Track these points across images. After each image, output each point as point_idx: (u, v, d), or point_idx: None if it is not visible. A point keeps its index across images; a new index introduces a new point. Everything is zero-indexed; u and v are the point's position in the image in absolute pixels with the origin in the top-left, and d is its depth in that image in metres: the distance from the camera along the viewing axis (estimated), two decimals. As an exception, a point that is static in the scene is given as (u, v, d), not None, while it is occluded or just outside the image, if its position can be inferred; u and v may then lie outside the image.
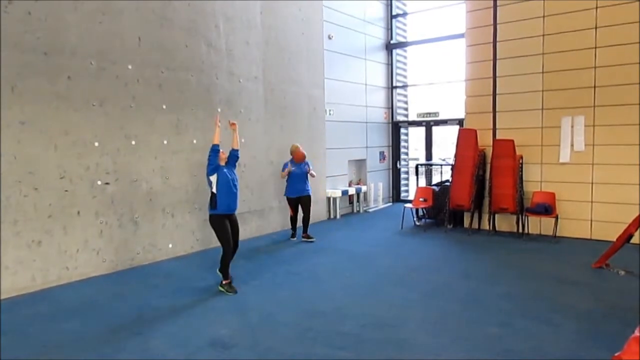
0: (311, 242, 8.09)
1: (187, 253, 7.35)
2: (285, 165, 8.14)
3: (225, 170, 5.68)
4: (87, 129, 6.12)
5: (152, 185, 6.88)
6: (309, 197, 8.23)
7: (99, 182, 6.25)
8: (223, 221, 5.62)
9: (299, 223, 8.36)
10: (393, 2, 12.48)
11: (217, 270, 5.72)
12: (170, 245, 7.17)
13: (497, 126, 8.78)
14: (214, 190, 5.60)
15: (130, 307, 5.11)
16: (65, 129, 5.90)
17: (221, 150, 5.70)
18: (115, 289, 5.73)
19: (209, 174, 5.64)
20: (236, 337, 4.32)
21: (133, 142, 6.63)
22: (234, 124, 5.98)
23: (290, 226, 8.51)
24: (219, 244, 5.79)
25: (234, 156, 5.89)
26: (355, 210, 11.36)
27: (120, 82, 6.45)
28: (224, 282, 5.58)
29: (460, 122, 10.72)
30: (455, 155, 8.86)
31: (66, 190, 5.91)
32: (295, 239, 8.28)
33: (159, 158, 6.97)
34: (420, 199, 9.40)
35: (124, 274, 6.38)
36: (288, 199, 8.26)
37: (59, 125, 5.84)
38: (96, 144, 6.21)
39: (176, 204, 7.20)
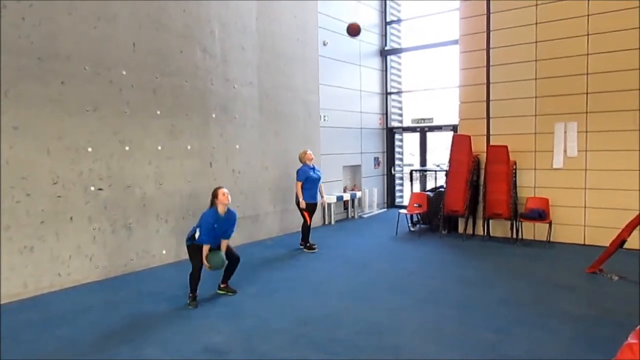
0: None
1: (181, 259, 7.29)
2: (304, 173, 7.80)
3: (216, 225, 5.33)
4: (81, 134, 6.09)
5: (146, 190, 6.85)
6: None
7: (93, 188, 6.21)
8: (200, 251, 5.35)
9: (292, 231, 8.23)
10: (387, 8, 12.55)
11: (219, 285, 5.77)
12: (164, 252, 7.13)
13: (490, 132, 8.83)
14: (196, 235, 5.33)
15: (124, 314, 5.06)
16: (58, 134, 5.86)
17: (226, 193, 5.39)
18: (108, 296, 5.68)
19: (198, 226, 5.38)
20: (230, 343, 4.30)
21: (127, 148, 6.60)
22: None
23: (302, 238, 7.94)
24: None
25: (230, 229, 5.53)
26: (350, 216, 11.36)
27: (114, 87, 6.44)
28: (190, 295, 5.36)
29: (454, 128, 10.77)
30: (450, 161, 8.88)
31: (59, 196, 5.87)
32: (316, 250, 7.84)
33: (153, 163, 6.94)
34: (415, 205, 9.42)
35: (117, 280, 6.33)
36: (307, 205, 7.82)
37: (53, 130, 5.81)
38: (90, 149, 6.18)
39: (170, 209, 7.17)
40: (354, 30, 7.46)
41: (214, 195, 5.45)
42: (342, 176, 11.18)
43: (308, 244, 7.87)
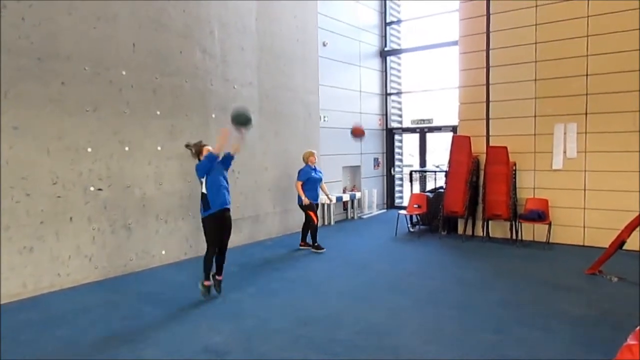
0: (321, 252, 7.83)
1: (181, 260, 7.30)
2: (306, 174, 7.89)
3: (213, 170, 5.47)
4: (81, 135, 6.09)
5: (146, 191, 6.85)
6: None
7: (92, 188, 6.21)
8: (215, 224, 5.52)
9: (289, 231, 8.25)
10: (387, 9, 12.56)
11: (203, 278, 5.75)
12: (163, 252, 7.12)
13: (490, 133, 8.84)
14: (204, 190, 5.47)
15: (123, 314, 5.06)
16: (58, 134, 5.86)
17: (210, 149, 5.54)
18: (107, 296, 5.68)
19: (199, 176, 5.54)
20: (230, 343, 4.30)
21: (127, 148, 6.60)
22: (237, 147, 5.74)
23: (308, 238, 7.97)
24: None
25: (228, 158, 5.66)
26: (349, 217, 11.36)
27: (114, 88, 6.44)
28: (205, 283, 5.53)
29: (454, 128, 10.77)
30: (449, 162, 8.89)
31: (59, 196, 5.87)
32: (323, 250, 7.82)
33: (153, 164, 6.94)
34: (415, 206, 9.42)
35: (116, 280, 6.33)
36: (311, 205, 7.89)
37: (52, 130, 5.81)
38: (89, 149, 6.18)
39: (170, 210, 7.17)
40: (357, 134, 7.89)
41: (199, 152, 5.60)
42: (341, 177, 11.18)
43: (316, 244, 7.84)
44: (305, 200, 7.80)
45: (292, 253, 7.83)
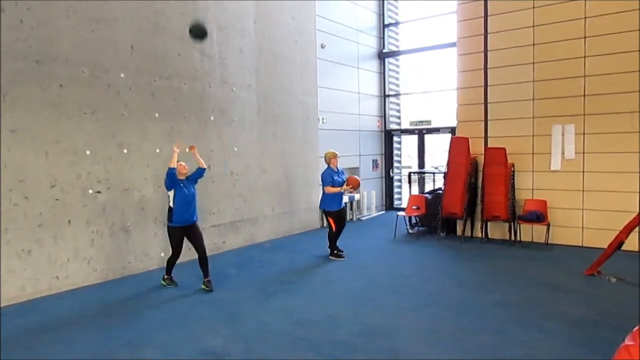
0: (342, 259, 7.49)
1: (179, 262, 7.27)
2: (329, 177, 7.40)
3: (182, 184, 5.86)
4: (79, 137, 6.08)
5: (144, 193, 6.84)
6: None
7: (91, 191, 6.21)
8: (177, 232, 5.92)
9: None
10: (385, 11, 12.59)
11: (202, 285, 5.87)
12: (162, 254, 7.11)
13: (488, 134, 8.85)
14: (171, 204, 5.84)
15: (122, 317, 5.06)
16: (56, 137, 5.86)
17: (183, 164, 5.90)
18: (106, 299, 5.67)
19: (167, 189, 5.89)
20: (229, 346, 4.29)
21: (125, 151, 6.60)
22: (192, 147, 6.13)
23: (329, 245, 7.55)
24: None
25: (198, 173, 6.12)
26: (348, 219, 11.33)
27: (112, 90, 6.44)
28: (165, 277, 6.07)
29: (452, 130, 10.78)
30: (448, 163, 8.89)
31: (57, 199, 5.86)
32: (343, 258, 7.47)
33: (151, 166, 6.94)
34: (413, 207, 9.42)
35: (115, 283, 6.32)
36: (332, 213, 7.44)
37: (51, 133, 5.81)
38: (88, 152, 6.17)
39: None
40: (354, 184, 7.54)
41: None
42: (340, 178, 11.17)
43: (335, 252, 7.54)
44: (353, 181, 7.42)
45: (291, 255, 7.82)
